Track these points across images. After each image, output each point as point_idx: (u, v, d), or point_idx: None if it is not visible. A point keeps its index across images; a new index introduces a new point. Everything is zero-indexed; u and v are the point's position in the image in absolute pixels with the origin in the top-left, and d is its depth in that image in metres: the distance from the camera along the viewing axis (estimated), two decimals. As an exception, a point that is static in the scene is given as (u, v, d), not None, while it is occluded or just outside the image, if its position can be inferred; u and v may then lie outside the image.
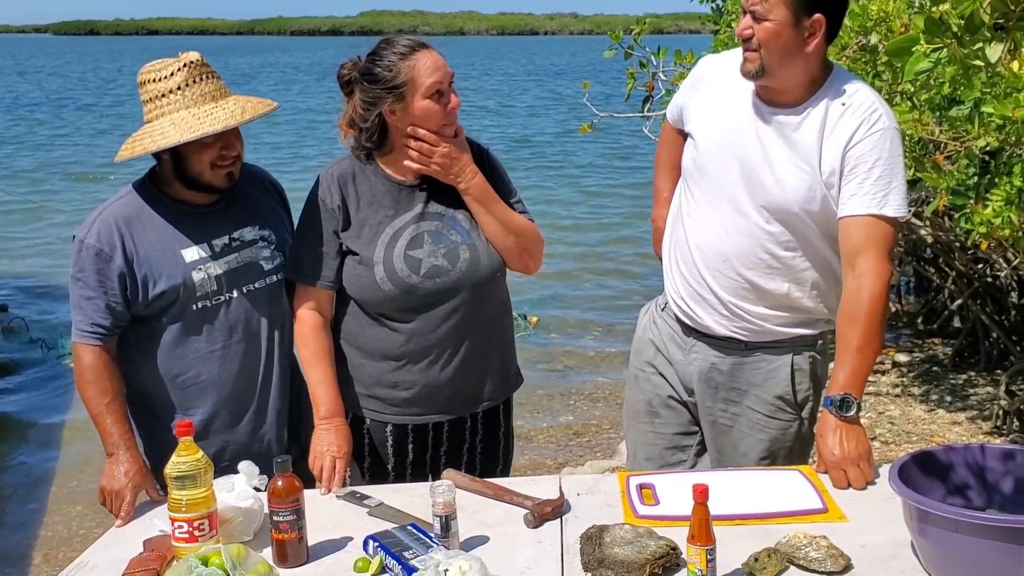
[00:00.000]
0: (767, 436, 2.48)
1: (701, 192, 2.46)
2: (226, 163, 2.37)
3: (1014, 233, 2.74)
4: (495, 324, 2.57)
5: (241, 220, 2.48)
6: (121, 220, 2.36)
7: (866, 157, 2.24)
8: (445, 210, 2.49)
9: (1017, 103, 2.46)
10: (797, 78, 2.29)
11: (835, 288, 2.42)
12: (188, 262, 2.39)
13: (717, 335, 2.48)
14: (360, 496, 2.25)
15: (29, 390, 6.46)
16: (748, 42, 2.26)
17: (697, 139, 2.48)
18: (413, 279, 2.42)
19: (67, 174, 15.54)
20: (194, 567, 1.77)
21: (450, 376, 2.49)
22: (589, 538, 1.88)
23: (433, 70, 2.36)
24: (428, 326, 2.46)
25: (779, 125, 2.33)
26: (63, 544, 4.41)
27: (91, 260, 2.34)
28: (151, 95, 2.34)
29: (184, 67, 2.33)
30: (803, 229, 2.35)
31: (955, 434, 4.93)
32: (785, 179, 2.31)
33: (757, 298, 2.41)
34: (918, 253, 6.58)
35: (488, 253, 2.48)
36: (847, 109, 2.27)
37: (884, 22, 3.07)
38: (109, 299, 2.34)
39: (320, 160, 17.03)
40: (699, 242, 2.45)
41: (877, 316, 2.23)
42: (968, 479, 1.95)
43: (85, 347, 2.36)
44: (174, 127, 2.29)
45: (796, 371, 2.46)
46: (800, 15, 2.21)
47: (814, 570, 1.80)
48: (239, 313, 2.45)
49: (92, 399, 2.35)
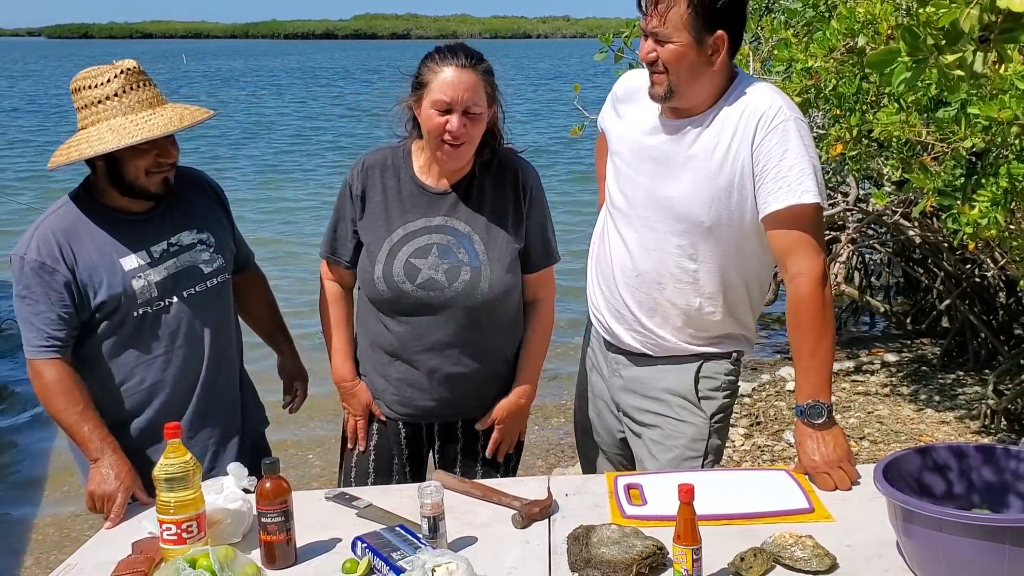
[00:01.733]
0: (675, 443, 2.47)
1: (617, 210, 2.48)
2: (162, 170, 2.37)
3: (1001, 233, 2.75)
4: (489, 345, 2.57)
5: (179, 225, 2.48)
6: (59, 232, 2.34)
7: (773, 152, 2.23)
8: (463, 228, 2.51)
9: (1003, 104, 2.47)
10: (705, 93, 2.29)
11: (749, 303, 2.46)
12: (127, 270, 2.38)
13: (633, 350, 2.51)
14: (348, 497, 2.26)
15: (19, 393, 6.44)
16: (654, 65, 2.25)
17: (613, 159, 2.51)
18: (406, 286, 2.46)
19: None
20: (182, 569, 1.77)
21: (431, 385, 2.54)
22: (576, 538, 1.89)
23: (448, 87, 2.37)
24: (415, 333, 2.51)
25: (683, 137, 2.33)
26: (55, 548, 4.40)
27: (35, 274, 2.31)
28: (86, 101, 2.33)
29: (121, 74, 2.33)
30: (715, 242, 2.35)
31: (943, 433, 4.95)
32: (692, 191, 2.32)
33: (670, 315, 2.43)
34: (907, 254, 6.61)
35: (491, 281, 2.48)
36: (746, 111, 2.27)
37: (871, 25, 3.09)
38: (60, 310, 2.32)
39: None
40: (617, 259, 2.48)
41: (818, 315, 2.22)
42: (954, 478, 1.96)
43: (45, 363, 2.33)
44: (112, 132, 2.28)
45: (702, 377, 2.47)
46: (702, 34, 2.21)
47: (800, 569, 1.80)
48: (180, 318, 2.45)
49: (64, 411, 2.32)
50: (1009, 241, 2.92)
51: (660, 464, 2.46)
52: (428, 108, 2.40)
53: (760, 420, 5.24)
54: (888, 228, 5.99)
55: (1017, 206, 2.78)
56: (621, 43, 4.65)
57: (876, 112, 3.13)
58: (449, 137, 2.39)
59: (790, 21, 4.17)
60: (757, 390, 5.70)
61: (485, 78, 2.42)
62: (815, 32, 3.57)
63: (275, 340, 2.87)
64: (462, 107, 2.37)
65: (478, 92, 2.39)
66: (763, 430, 5.11)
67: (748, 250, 2.36)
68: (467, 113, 2.38)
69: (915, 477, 1.94)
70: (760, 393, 5.65)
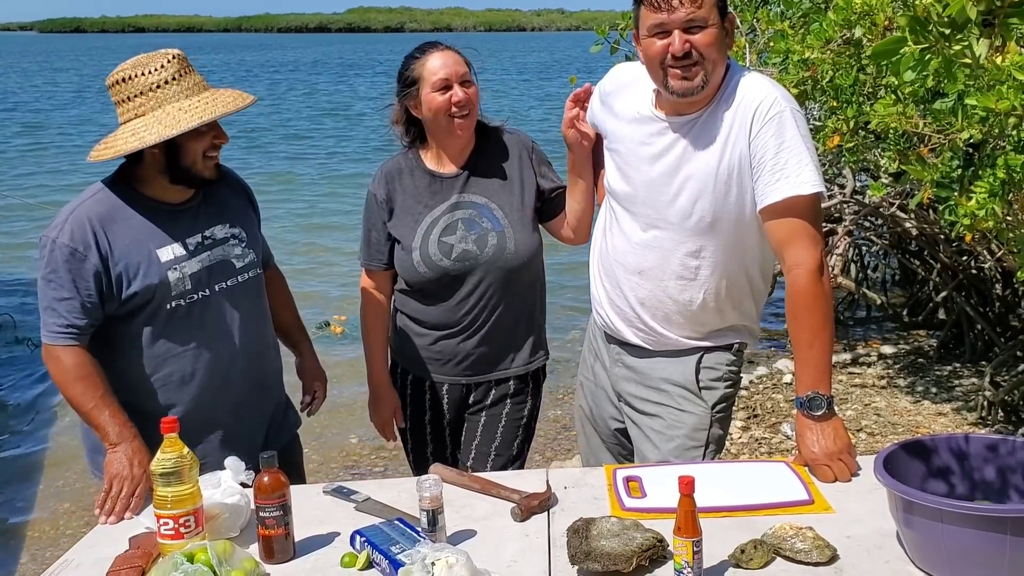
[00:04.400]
0: (677, 433, 2.47)
1: (618, 207, 2.48)
2: (216, 153, 2.37)
3: (998, 225, 2.75)
4: (523, 302, 2.82)
5: (212, 218, 2.47)
6: (95, 218, 2.32)
7: (769, 144, 2.23)
8: (480, 199, 2.75)
9: (1000, 95, 2.47)
10: (717, 81, 2.28)
11: (752, 295, 2.46)
12: (164, 261, 2.37)
13: (631, 343, 2.52)
14: (347, 491, 2.25)
15: (15, 389, 6.43)
16: (687, 58, 2.21)
17: (612, 156, 2.49)
18: (445, 263, 2.71)
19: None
20: (180, 564, 1.77)
21: (476, 344, 2.79)
22: (576, 531, 1.88)
23: (440, 67, 2.65)
24: (459, 302, 2.75)
25: (681, 133, 2.32)
26: (51, 544, 4.39)
27: (64, 260, 2.29)
28: (139, 89, 2.30)
29: (174, 59, 2.34)
30: (716, 237, 2.34)
31: (940, 425, 4.96)
32: (692, 188, 2.31)
33: (672, 312, 2.43)
34: (903, 246, 6.62)
35: (517, 241, 2.73)
36: (742, 103, 2.26)
37: (868, 16, 3.07)
38: (84, 299, 2.30)
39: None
40: (619, 255, 2.47)
41: (817, 307, 2.22)
42: (953, 469, 1.96)
43: (63, 348, 2.31)
44: (184, 112, 2.27)
45: (703, 367, 2.47)
46: (722, 17, 2.22)
47: (800, 561, 1.80)
48: (212, 311, 2.43)
49: (82, 395, 2.30)
50: (1006, 232, 2.92)
51: (662, 454, 2.46)
52: (429, 94, 2.65)
53: (757, 413, 5.24)
54: (885, 220, 5.99)
55: (1015, 197, 2.77)
56: (617, 35, 4.64)
57: (873, 103, 3.12)
58: (457, 108, 2.65)
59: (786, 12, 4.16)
60: (754, 383, 5.70)
61: (463, 57, 2.72)
62: (812, 23, 3.56)
63: (293, 340, 2.85)
64: (459, 79, 2.66)
65: (463, 64, 2.70)
66: (760, 422, 5.11)
67: (750, 243, 2.36)
68: (465, 83, 2.67)
69: (915, 468, 1.93)
70: (757, 386, 5.65)
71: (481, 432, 2.85)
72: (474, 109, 2.70)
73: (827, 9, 3.58)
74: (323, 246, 10.45)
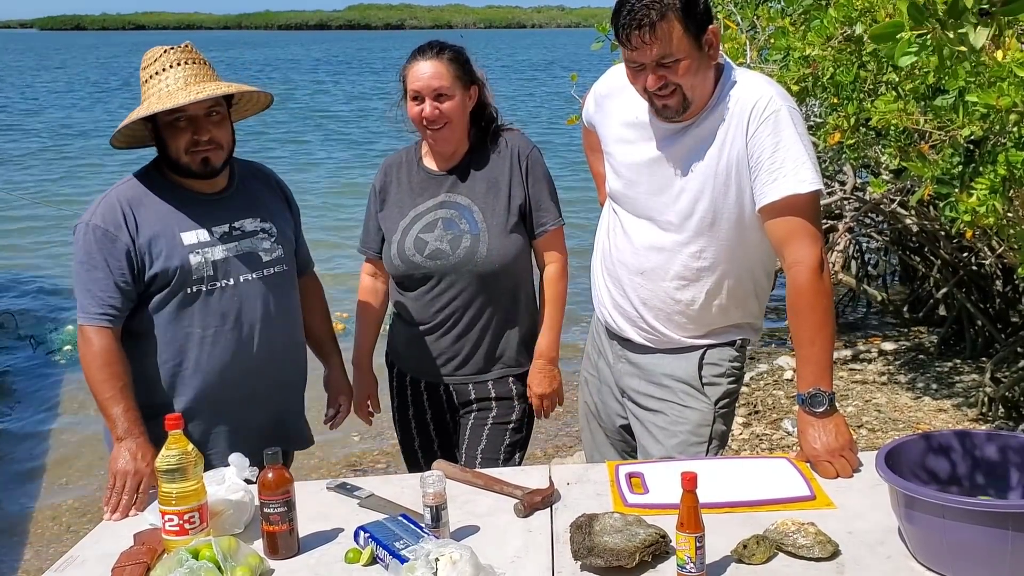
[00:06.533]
0: (680, 428, 2.48)
1: (620, 208, 2.49)
2: (199, 148, 2.38)
3: (998, 221, 2.76)
4: (501, 308, 2.76)
5: (242, 211, 2.50)
6: (125, 200, 2.39)
7: (766, 143, 2.23)
8: (464, 201, 2.73)
9: (1001, 92, 2.47)
10: (707, 89, 2.29)
11: (755, 292, 2.47)
12: (187, 244, 2.39)
13: (635, 342, 2.53)
14: (350, 487, 2.26)
15: (18, 386, 6.44)
16: (664, 88, 2.23)
17: (611, 161, 2.51)
18: (416, 258, 2.71)
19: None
20: (184, 560, 1.78)
21: (450, 343, 2.76)
22: (579, 527, 1.89)
23: (415, 78, 2.66)
24: (430, 299, 2.75)
25: (679, 135, 2.33)
26: (54, 541, 4.40)
27: (97, 241, 2.34)
28: (144, 78, 2.41)
29: (169, 50, 2.39)
30: (717, 237, 2.35)
31: (941, 421, 4.97)
32: (692, 189, 2.32)
33: (674, 312, 2.44)
34: (904, 242, 6.62)
35: (489, 245, 2.68)
36: (738, 104, 2.27)
37: (869, 12, 3.08)
38: (118, 278, 2.34)
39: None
40: (621, 256, 2.48)
41: (818, 304, 2.22)
42: (954, 465, 1.96)
43: (96, 329, 2.33)
44: (157, 100, 2.34)
45: (705, 364, 2.48)
46: (699, 36, 2.20)
47: (802, 556, 1.81)
48: (233, 301, 2.44)
49: (103, 382, 2.31)
50: (1007, 229, 2.93)
51: (665, 450, 2.47)
52: (409, 101, 2.69)
53: (758, 409, 5.25)
54: (885, 216, 6.00)
55: (1015, 194, 2.78)
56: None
57: (874, 100, 3.13)
58: (425, 122, 2.65)
59: (787, 9, 4.16)
60: (755, 379, 5.70)
61: (451, 64, 2.66)
62: (812, 20, 3.56)
63: (324, 351, 2.85)
64: (432, 93, 2.64)
65: (444, 77, 2.64)
66: (761, 419, 5.12)
67: (751, 241, 2.36)
68: (439, 97, 2.64)
69: (917, 464, 1.94)
70: (758, 382, 5.66)
71: (468, 435, 2.82)
72: (451, 123, 2.66)
73: (828, 6, 3.58)
74: (328, 242, 10.46)
